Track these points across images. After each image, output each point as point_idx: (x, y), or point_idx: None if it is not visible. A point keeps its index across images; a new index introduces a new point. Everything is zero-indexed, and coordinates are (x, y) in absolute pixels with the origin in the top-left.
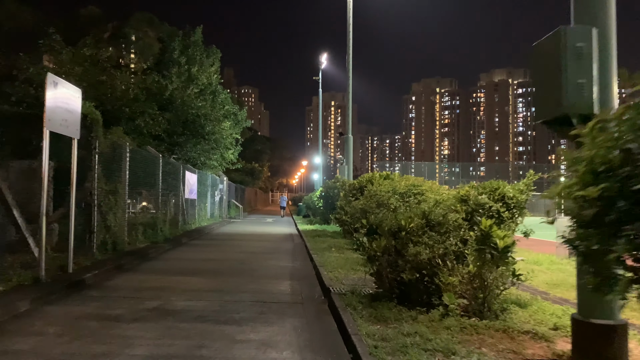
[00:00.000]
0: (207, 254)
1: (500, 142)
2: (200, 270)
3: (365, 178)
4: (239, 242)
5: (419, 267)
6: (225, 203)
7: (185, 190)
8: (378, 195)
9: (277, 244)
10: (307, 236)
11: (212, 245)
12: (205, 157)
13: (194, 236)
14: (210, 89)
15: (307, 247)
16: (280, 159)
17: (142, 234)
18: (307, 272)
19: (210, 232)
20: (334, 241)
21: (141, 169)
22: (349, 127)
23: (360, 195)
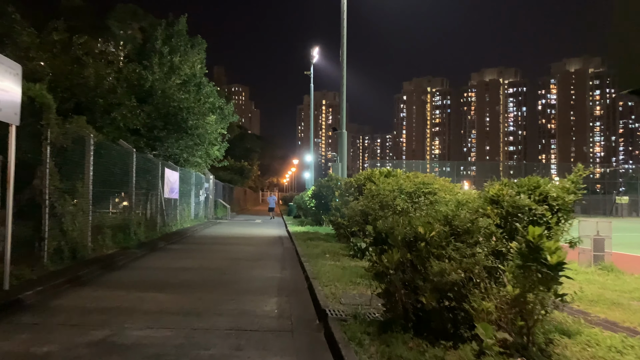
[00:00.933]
0: (185, 261)
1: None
2: (171, 284)
3: (363, 175)
4: (222, 246)
5: (444, 288)
6: (211, 203)
7: (165, 189)
8: (381, 195)
9: (264, 248)
10: (298, 239)
11: (192, 250)
12: (188, 154)
13: (174, 239)
14: (194, 81)
15: (298, 253)
16: (271, 158)
17: (111, 238)
18: (298, 284)
19: (193, 235)
20: (328, 245)
21: (111, 165)
22: (343, 121)
23: (358, 194)
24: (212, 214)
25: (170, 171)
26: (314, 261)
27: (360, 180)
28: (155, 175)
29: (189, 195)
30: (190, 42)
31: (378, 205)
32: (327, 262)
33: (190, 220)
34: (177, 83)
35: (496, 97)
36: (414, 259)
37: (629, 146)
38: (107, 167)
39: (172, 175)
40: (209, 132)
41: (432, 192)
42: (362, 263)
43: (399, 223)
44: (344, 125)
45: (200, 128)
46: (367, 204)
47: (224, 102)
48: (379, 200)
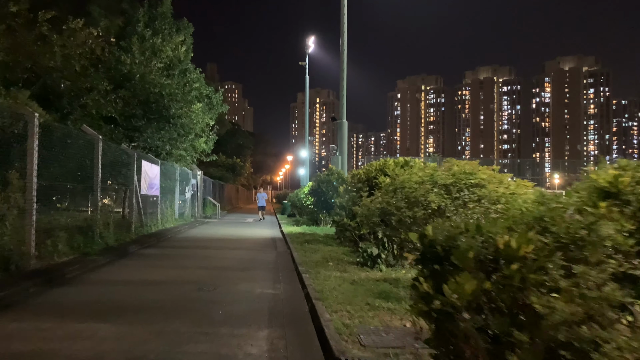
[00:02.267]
0: (155, 271)
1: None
2: (127, 307)
3: (374, 166)
4: (206, 251)
5: (555, 341)
6: (199, 201)
7: (142, 185)
8: (408, 189)
9: (255, 253)
10: (293, 242)
11: (169, 256)
12: (171, 146)
13: (150, 243)
14: (179, 67)
15: (294, 260)
16: (264, 155)
17: (66, 243)
18: (297, 307)
19: (174, 237)
20: (329, 250)
21: (68, 153)
22: (344, 110)
23: (368, 190)
24: (200, 212)
25: (148, 164)
26: (314, 271)
27: (370, 172)
28: (130, 168)
29: (173, 192)
30: (176, 26)
31: (404, 202)
32: (332, 274)
33: (173, 220)
34: (159, 67)
35: (490, 95)
36: (495, 291)
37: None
38: (63, 156)
39: (151, 169)
40: (195, 122)
41: (479, 184)
42: (374, 273)
43: (464, 228)
44: (344, 114)
45: (184, 117)
46: (390, 201)
47: (212, 91)
48: (403, 195)
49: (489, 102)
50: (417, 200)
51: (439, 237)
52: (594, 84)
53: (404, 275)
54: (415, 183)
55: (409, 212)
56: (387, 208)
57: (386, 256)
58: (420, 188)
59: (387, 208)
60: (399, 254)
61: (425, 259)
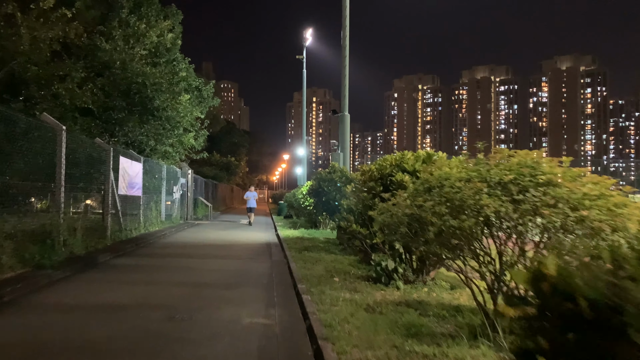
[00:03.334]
0: (121, 290)
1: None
2: (62, 351)
3: (389, 162)
4: (189, 260)
5: None
6: (190, 201)
7: (121, 184)
8: (447, 189)
9: (246, 263)
10: (291, 249)
11: (144, 267)
12: (156, 141)
13: (126, 250)
14: (166, 57)
15: (292, 273)
16: (260, 154)
17: (14, 253)
18: (297, 349)
19: (157, 242)
20: (332, 259)
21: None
22: (346, 102)
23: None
24: (190, 214)
25: (128, 161)
26: (317, 290)
27: (384, 168)
28: (104, 164)
29: (159, 192)
30: (164, 13)
31: (446, 207)
32: (340, 294)
33: (159, 223)
34: (143, 54)
35: (487, 94)
36: None
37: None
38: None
39: (131, 166)
40: (182, 116)
41: (551, 181)
42: (391, 292)
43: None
44: (346, 106)
45: (169, 109)
46: (421, 205)
47: (202, 82)
48: (442, 197)
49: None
50: (463, 204)
51: (578, 283)
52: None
53: (426, 294)
54: (458, 180)
55: (453, 221)
56: (419, 215)
57: (404, 270)
58: (466, 187)
59: (421, 215)
60: (418, 268)
61: (546, 321)
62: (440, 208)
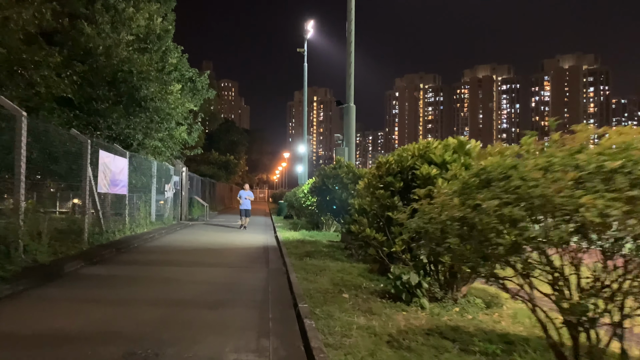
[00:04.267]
0: (80, 311)
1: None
2: None
3: (410, 152)
4: (173, 269)
5: None
6: (184, 201)
7: (101, 181)
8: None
9: (238, 273)
10: (291, 254)
11: (118, 279)
12: (144, 135)
13: (103, 256)
14: (157, 45)
15: (292, 287)
16: (260, 153)
17: None
18: None
19: (142, 246)
20: (339, 268)
21: None
22: (351, 92)
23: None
24: (185, 214)
25: (110, 156)
26: (323, 312)
27: (405, 160)
28: (81, 159)
29: (148, 190)
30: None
31: (522, 209)
32: (353, 319)
33: (149, 224)
34: (129, 40)
35: (489, 93)
36: None
37: None
38: None
39: (114, 162)
40: (173, 107)
41: None
42: (415, 314)
43: None
44: (351, 96)
45: (158, 100)
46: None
47: (196, 72)
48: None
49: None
50: (547, 204)
51: None
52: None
53: (459, 315)
54: (535, 169)
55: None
56: (476, 220)
57: (429, 285)
58: (547, 180)
59: (480, 220)
60: (447, 282)
61: None
62: (513, 210)
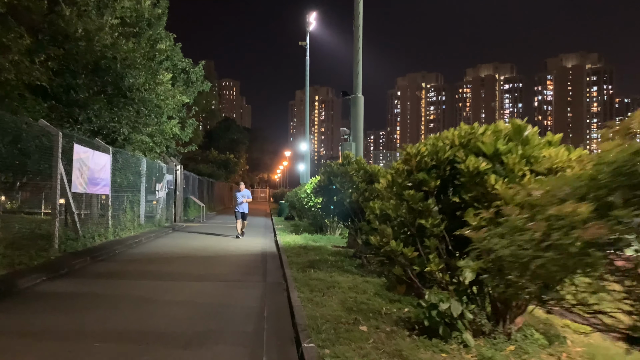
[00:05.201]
0: (9, 349)
1: None
2: None
3: (449, 140)
4: (152, 283)
5: None
6: (179, 201)
7: (77, 179)
8: None
9: (229, 289)
10: (292, 264)
11: (80, 299)
12: (129, 129)
13: (73, 267)
14: (147, 33)
15: (293, 313)
16: (261, 152)
17: None
18: None
19: (123, 253)
20: (350, 284)
21: None
22: (359, 81)
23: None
24: (179, 215)
25: (89, 151)
26: (336, 354)
27: (441, 150)
28: (50, 154)
29: (136, 190)
30: None
31: None
32: None
33: (136, 227)
34: (113, 24)
35: (492, 93)
36: None
37: None
38: None
39: (94, 158)
40: (163, 99)
41: None
42: (462, 358)
43: None
44: (359, 86)
45: (145, 90)
46: None
47: (190, 63)
48: None
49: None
50: None
51: None
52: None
53: (516, 357)
54: None
55: None
56: None
57: (474, 315)
58: None
59: None
60: (497, 311)
61: None
62: None
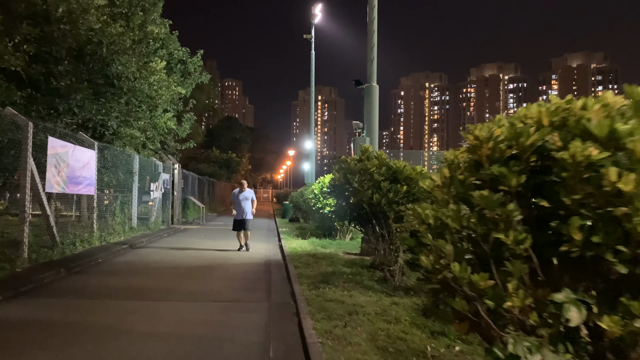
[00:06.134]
0: None
1: None
2: None
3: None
4: (129, 305)
5: None
6: (177, 202)
7: (52, 178)
8: None
9: (225, 314)
10: (301, 278)
11: (33, 329)
12: (118, 122)
13: (40, 281)
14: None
15: (308, 356)
16: (264, 152)
17: None
18: None
19: (107, 262)
20: (376, 306)
21: None
22: (373, 68)
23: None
24: (177, 217)
25: (67, 145)
26: None
27: (525, 133)
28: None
29: (128, 189)
30: None
31: None
32: None
33: (127, 230)
34: (100, 4)
35: (496, 92)
36: None
37: None
38: None
39: (75, 153)
40: (156, 89)
41: None
42: None
43: None
44: (374, 74)
45: (135, 79)
46: None
47: (187, 52)
48: None
49: (495, 100)
50: None
51: None
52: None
53: None
54: None
55: None
56: None
57: None
58: None
59: None
60: None
61: None
62: None
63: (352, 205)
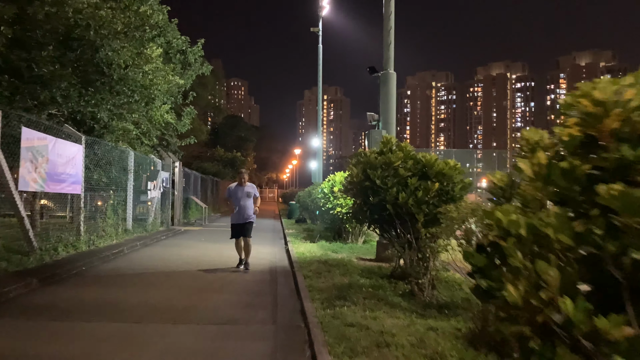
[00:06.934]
0: None
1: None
2: None
3: None
4: (105, 329)
5: None
6: (177, 202)
7: (28, 175)
8: None
9: (220, 343)
10: (313, 291)
11: None
12: (109, 114)
13: (6, 295)
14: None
15: None
16: (269, 151)
17: None
18: None
19: (91, 270)
20: (410, 333)
21: None
22: (390, 53)
23: None
24: (178, 217)
25: (46, 138)
26: None
27: None
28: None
29: (121, 188)
30: None
31: None
32: None
33: (120, 233)
34: None
35: (503, 91)
36: None
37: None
38: None
39: (56, 148)
40: (151, 78)
41: None
42: None
43: None
44: (390, 60)
45: (127, 66)
46: None
47: (187, 41)
48: None
49: (502, 99)
50: None
51: None
52: None
53: None
54: None
55: None
56: None
57: None
58: None
59: None
60: None
61: None
62: None
63: (372, 206)
